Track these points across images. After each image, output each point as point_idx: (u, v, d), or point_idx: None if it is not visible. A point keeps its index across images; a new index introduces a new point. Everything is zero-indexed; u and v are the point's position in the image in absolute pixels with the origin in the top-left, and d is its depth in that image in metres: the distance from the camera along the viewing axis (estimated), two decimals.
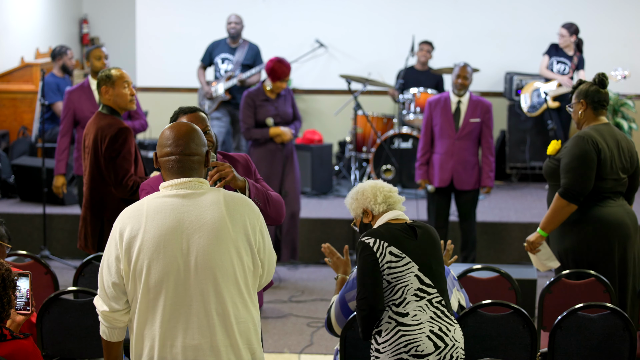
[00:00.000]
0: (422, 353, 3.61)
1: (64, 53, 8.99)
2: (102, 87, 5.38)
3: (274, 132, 7.19)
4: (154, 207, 3.12)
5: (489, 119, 7.21)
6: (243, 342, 3.13)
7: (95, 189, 5.37)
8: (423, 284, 3.68)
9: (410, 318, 3.64)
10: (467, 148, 7.16)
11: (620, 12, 10.18)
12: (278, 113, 7.24)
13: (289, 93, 7.38)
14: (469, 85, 7.21)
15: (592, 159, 4.79)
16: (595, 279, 4.67)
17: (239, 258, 3.12)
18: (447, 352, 3.65)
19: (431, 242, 3.78)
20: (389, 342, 3.64)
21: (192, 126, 3.23)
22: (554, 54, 9.23)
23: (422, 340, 3.61)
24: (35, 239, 8.06)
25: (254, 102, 7.23)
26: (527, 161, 9.76)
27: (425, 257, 3.72)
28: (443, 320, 3.68)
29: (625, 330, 4.06)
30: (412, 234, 3.77)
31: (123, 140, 5.23)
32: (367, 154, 9.37)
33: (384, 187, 3.94)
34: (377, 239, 3.70)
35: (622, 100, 9.53)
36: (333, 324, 4.07)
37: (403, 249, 3.69)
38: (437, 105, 7.26)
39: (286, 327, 6.46)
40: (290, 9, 10.55)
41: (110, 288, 3.15)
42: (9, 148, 9.25)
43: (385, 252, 3.68)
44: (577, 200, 4.81)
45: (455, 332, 3.70)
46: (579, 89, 4.92)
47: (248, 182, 3.78)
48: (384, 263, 3.68)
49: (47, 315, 4.15)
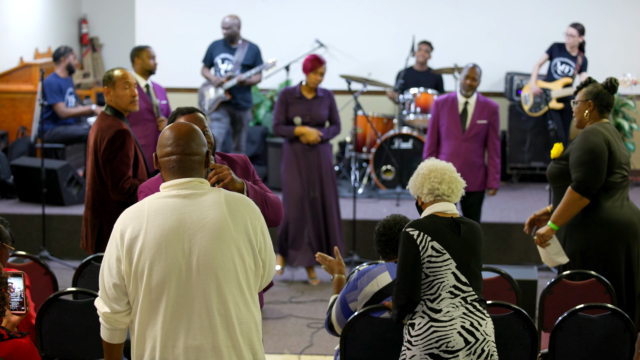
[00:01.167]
0: (452, 349, 3.65)
1: (70, 52, 9.00)
2: (104, 88, 5.37)
3: (298, 131, 7.23)
4: (155, 207, 3.11)
5: (496, 121, 7.20)
6: (245, 342, 3.13)
7: (95, 189, 5.37)
8: (459, 281, 3.72)
9: (443, 314, 3.68)
10: (473, 149, 7.15)
11: (622, 12, 10.17)
12: (309, 113, 7.25)
13: (329, 96, 7.40)
14: (477, 86, 7.20)
15: (604, 151, 4.79)
16: (596, 279, 4.66)
17: (240, 258, 3.12)
18: (478, 347, 3.69)
19: (473, 240, 3.79)
20: (421, 337, 3.68)
21: (192, 126, 3.23)
22: (557, 54, 9.17)
23: (453, 337, 3.66)
24: (34, 239, 8.04)
25: (287, 99, 7.28)
26: (528, 162, 9.74)
27: (464, 254, 3.74)
28: (475, 315, 3.72)
29: (626, 331, 4.06)
30: (456, 229, 3.77)
31: (121, 143, 5.21)
32: (367, 154, 9.35)
33: (435, 176, 3.84)
34: (421, 232, 3.72)
35: (622, 101, 9.52)
36: (334, 324, 4.09)
37: (445, 244, 3.72)
38: (444, 105, 7.24)
39: (286, 328, 6.45)
40: (290, 9, 10.54)
41: (112, 289, 3.14)
42: (8, 148, 9.23)
43: (427, 246, 3.71)
44: (589, 193, 4.80)
45: (486, 327, 3.74)
46: (588, 89, 4.89)
47: (246, 184, 3.77)
48: (425, 257, 3.71)
49: (46, 316, 4.13)
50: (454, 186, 3.85)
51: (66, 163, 8.61)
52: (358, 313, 3.96)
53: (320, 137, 7.26)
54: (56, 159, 8.93)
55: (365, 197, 9.11)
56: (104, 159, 5.23)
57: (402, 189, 9.09)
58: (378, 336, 3.97)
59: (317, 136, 7.23)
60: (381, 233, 4.10)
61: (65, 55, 8.99)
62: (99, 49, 12.37)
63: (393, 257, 4.08)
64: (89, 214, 5.41)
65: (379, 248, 4.12)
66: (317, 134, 7.23)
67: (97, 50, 12.31)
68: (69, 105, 9.05)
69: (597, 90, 4.87)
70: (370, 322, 3.96)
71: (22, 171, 8.53)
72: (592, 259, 4.87)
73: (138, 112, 6.89)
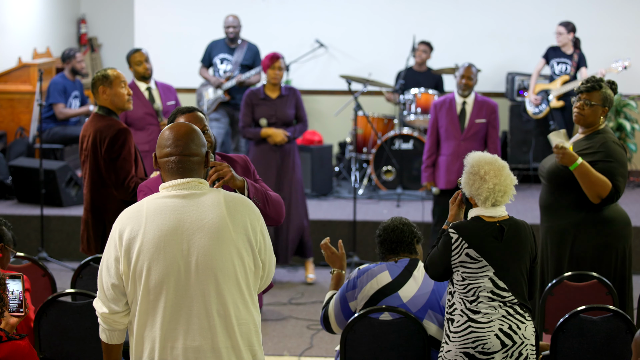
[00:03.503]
0: (488, 350, 3.67)
1: (73, 56, 8.97)
2: (99, 87, 5.32)
3: (264, 132, 7.20)
4: (153, 207, 3.10)
5: (495, 119, 7.18)
6: (244, 343, 3.12)
7: (96, 191, 5.32)
8: (497, 287, 3.72)
9: (481, 316, 3.70)
10: (473, 149, 7.05)
11: (622, 12, 10.15)
12: (275, 114, 7.22)
13: (294, 94, 7.34)
14: (473, 85, 7.18)
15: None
16: (598, 281, 4.65)
17: (240, 259, 3.11)
18: (516, 350, 3.70)
19: (516, 244, 3.78)
20: (459, 335, 3.70)
21: (192, 126, 3.22)
22: (553, 56, 9.19)
23: (489, 339, 3.67)
24: (32, 240, 8.02)
25: (252, 101, 7.25)
26: (530, 162, 9.72)
27: (504, 260, 3.74)
28: (514, 318, 3.72)
29: (627, 332, 4.05)
30: (499, 234, 3.75)
31: (123, 142, 5.19)
32: (368, 155, 9.33)
33: (492, 180, 3.78)
34: (459, 237, 3.73)
35: (624, 101, 9.50)
36: (331, 322, 4.09)
37: (482, 251, 3.72)
38: (442, 106, 7.23)
39: (286, 330, 6.43)
40: (290, 9, 10.52)
41: (110, 290, 3.13)
42: (6, 149, 9.21)
43: (461, 253, 3.72)
44: (616, 200, 4.87)
45: (525, 330, 3.74)
46: (605, 94, 4.87)
47: (247, 182, 3.77)
48: (457, 261, 3.73)
49: (44, 318, 4.12)
50: (511, 189, 3.81)
51: (65, 164, 8.58)
52: (358, 314, 3.95)
53: (287, 137, 7.23)
54: (55, 160, 8.91)
55: (366, 198, 9.09)
56: (107, 159, 5.20)
57: (403, 190, 9.07)
58: (378, 338, 3.97)
59: (283, 137, 7.21)
60: (382, 238, 4.11)
61: (70, 58, 8.97)
62: (98, 49, 12.35)
63: (392, 259, 4.08)
64: (90, 217, 5.37)
65: (380, 252, 4.12)
66: (283, 134, 7.21)
67: (95, 50, 12.29)
68: (72, 108, 9.04)
69: (611, 97, 4.91)
70: (370, 323, 3.95)
71: (21, 172, 8.51)
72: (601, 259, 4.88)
73: (140, 117, 6.87)
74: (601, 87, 4.87)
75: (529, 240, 3.84)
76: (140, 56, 7.16)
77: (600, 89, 4.87)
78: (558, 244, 4.98)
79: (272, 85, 7.26)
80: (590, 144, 4.88)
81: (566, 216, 4.94)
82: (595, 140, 4.89)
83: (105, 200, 5.31)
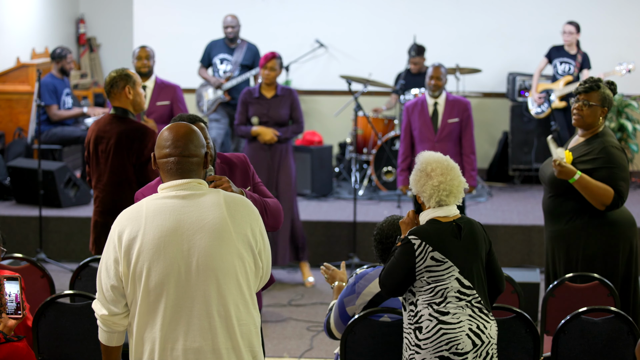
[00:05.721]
0: (462, 351, 3.66)
1: (64, 57, 8.92)
2: (124, 87, 5.18)
3: (254, 131, 7.20)
4: (153, 208, 3.09)
5: (468, 117, 7.13)
6: (245, 344, 3.11)
7: (119, 194, 5.19)
8: (463, 286, 3.71)
9: (451, 317, 3.68)
10: (448, 149, 7.03)
11: (624, 12, 10.13)
12: (267, 113, 7.21)
13: (290, 95, 7.31)
14: (443, 85, 7.15)
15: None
16: (599, 282, 4.63)
17: (240, 259, 3.10)
18: (484, 349, 3.70)
19: (473, 241, 3.77)
20: (431, 340, 3.67)
21: (191, 127, 3.22)
22: (556, 56, 9.16)
23: (462, 339, 3.66)
24: (31, 241, 7.99)
25: (247, 99, 7.27)
26: (532, 163, 9.69)
27: (466, 259, 3.73)
28: (480, 318, 3.72)
29: (629, 334, 4.05)
30: (458, 232, 3.74)
31: (153, 143, 5.09)
32: (368, 155, 9.31)
33: (444, 188, 3.74)
34: (422, 242, 3.69)
35: (626, 102, 9.48)
36: (332, 329, 4.11)
37: (446, 252, 3.70)
38: (414, 109, 7.21)
39: (286, 331, 6.41)
40: (290, 9, 10.50)
41: (109, 291, 3.11)
42: (5, 149, 9.19)
43: (426, 257, 3.69)
44: (620, 205, 4.85)
45: (491, 329, 3.74)
46: (605, 94, 4.85)
47: (245, 193, 3.74)
48: (422, 267, 3.69)
49: (43, 319, 4.10)
50: (458, 191, 3.79)
51: (63, 164, 8.55)
52: (358, 316, 3.95)
53: (276, 137, 7.20)
54: (53, 161, 8.88)
55: (366, 198, 9.07)
56: (138, 162, 5.12)
57: None
58: (378, 339, 3.97)
59: (272, 135, 7.19)
60: (377, 240, 4.09)
61: (60, 58, 8.90)
62: (97, 49, 12.34)
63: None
64: (108, 220, 5.22)
65: (377, 253, 4.11)
66: (273, 133, 7.19)
67: (94, 51, 12.28)
68: (65, 106, 9.00)
69: (611, 99, 4.88)
70: (370, 325, 3.96)
71: (19, 173, 8.48)
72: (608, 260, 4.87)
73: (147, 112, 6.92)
74: (599, 88, 4.84)
75: (482, 234, 3.83)
76: (141, 52, 7.22)
77: (599, 89, 4.84)
78: (567, 248, 4.95)
79: (267, 85, 7.25)
80: (589, 149, 4.85)
81: (571, 221, 4.91)
82: (595, 145, 4.85)
83: (124, 204, 5.19)
